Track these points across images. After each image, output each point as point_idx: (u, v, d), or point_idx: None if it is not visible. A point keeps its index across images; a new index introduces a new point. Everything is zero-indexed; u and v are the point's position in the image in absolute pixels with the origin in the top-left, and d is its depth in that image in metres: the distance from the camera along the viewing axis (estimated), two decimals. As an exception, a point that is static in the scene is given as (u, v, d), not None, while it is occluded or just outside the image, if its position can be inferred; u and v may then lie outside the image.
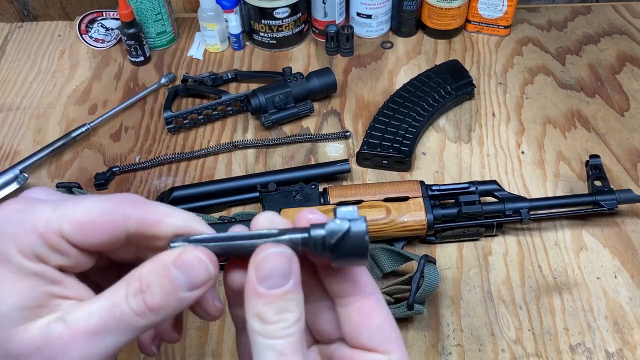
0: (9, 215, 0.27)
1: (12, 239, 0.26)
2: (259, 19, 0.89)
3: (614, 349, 0.56)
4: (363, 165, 0.74)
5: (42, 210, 0.27)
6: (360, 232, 0.27)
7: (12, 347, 0.25)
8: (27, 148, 0.78)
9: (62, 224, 0.27)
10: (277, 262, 0.27)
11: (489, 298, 0.61)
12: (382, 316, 0.30)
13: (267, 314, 0.27)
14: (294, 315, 0.27)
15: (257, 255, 0.27)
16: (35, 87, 0.88)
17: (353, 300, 0.30)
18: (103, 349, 0.26)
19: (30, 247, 0.26)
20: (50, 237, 0.27)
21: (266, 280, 0.27)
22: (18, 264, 0.26)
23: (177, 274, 0.27)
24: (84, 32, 0.96)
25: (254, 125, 0.81)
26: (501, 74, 0.88)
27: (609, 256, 0.64)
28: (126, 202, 0.29)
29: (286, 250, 0.27)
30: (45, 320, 0.26)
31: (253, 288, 0.27)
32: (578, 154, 0.75)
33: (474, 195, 0.63)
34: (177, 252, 0.27)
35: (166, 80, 0.86)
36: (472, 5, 0.93)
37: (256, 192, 0.67)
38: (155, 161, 0.75)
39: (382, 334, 0.29)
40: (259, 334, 0.27)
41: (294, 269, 0.27)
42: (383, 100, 0.80)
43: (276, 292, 0.27)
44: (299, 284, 0.28)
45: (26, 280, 0.26)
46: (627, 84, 0.86)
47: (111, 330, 0.26)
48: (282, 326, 0.26)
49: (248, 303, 0.27)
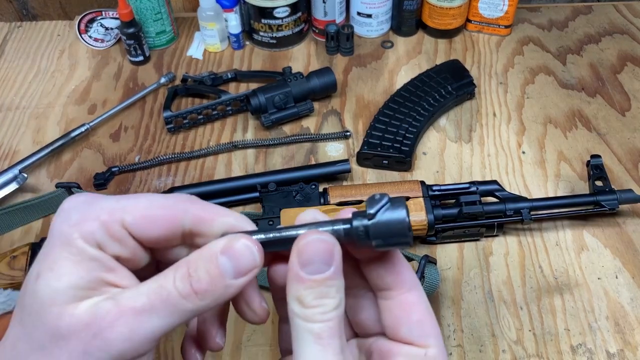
0: (76, 204, 0.29)
1: (75, 225, 0.28)
2: (258, 19, 0.88)
3: (615, 349, 0.56)
4: (363, 165, 0.74)
5: (106, 201, 0.29)
6: (401, 216, 0.27)
7: (62, 324, 0.26)
8: (26, 148, 0.78)
9: (124, 215, 0.28)
10: (319, 248, 0.27)
11: (489, 298, 0.60)
12: (422, 311, 0.30)
13: (307, 298, 0.27)
14: (333, 301, 0.27)
15: (300, 241, 0.28)
16: (35, 87, 0.87)
17: (395, 294, 0.30)
18: (148, 328, 0.27)
19: (91, 233, 0.27)
20: (112, 226, 0.28)
21: (308, 265, 0.27)
22: (78, 247, 0.27)
23: (224, 260, 0.28)
24: (83, 31, 0.95)
25: (253, 125, 0.81)
26: (502, 73, 0.88)
27: (610, 256, 0.64)
28: (185, 199, 0.30)
29: (329, 238, 0.28)
30: (95, 300, 0.27)
31: (295, 272, 0.27)
32: (579, 154, 0.75)
33: (474, 196, 0.63)
34: (225, 240, 0.28)
35: (166, 80, 0.86)
36: (473, 5, 0.92)
37: (256, 192, 0.67)
38: (155, 161, 0.75)
39: (421, 328, 0.30)
40: (299, 316, 0.27)
41: (336, 256, 0.28)
42: (383, 100, 0.80)
43: (317, 277, 0.27)
44: (340, 271, 0.28)
45: (84, 263, 0.27)
46: (628, 84, 0.86)
47: (157, 311, 0.27)
48: (320, 311, 0.27)
49: (289, 287, 0.28)
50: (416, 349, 0.30)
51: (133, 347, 0.26)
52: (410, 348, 0.30)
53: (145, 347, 0.27)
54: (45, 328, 0.26)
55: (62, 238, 0.28)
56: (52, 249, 0.28)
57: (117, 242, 0.28)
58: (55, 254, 0.28)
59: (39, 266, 0.28)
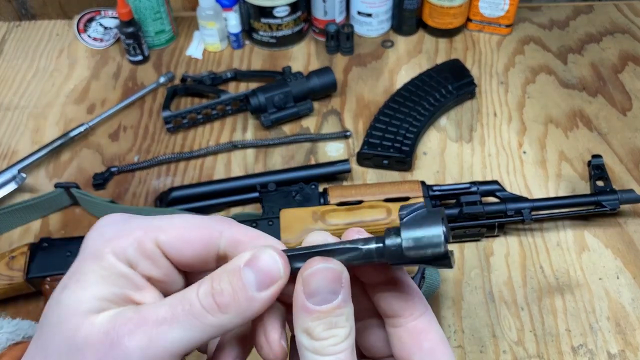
0: (112, 221, 0.29)
1: (108, 240, 0.28)
2: (258, 18, 0.88)
3: (616, 350, 0.56)
4: (363, 165, 0.74)
5: (142, 220, 0.29)
6: (437, 238, 0.25)
7: (79, 335, 0.25)
8: (25, 148, 0.78)
9: (159, 233, 0.28)
10: (326, 276, 0.26)
11: (490, 299, 0.60)
12: (433, 338, 0.29)
13: (315, 330, 0.26)
14: (344, 330, 0.26)
15: (305, 270, 0.27)
16: (34, 87, 0.87)
17: (404, 321, 0.29)
18: (169, 339, 0.26)
19: (123, 250, 0.27)
20: (145, 244, 0.28)
21: (314, 295, 0.26)
22: (108, 262, 0.27)
23: (248, 272, 0.27)
24: (82, 31, 0.95)
25: (253, 125, 0.81)
26: (502, 73, 0.87)
27: (611, 257, 0.64)
28: (221, 220, 0.30)
29: (335, 265, 0.27)
30: (116, 310, 0.26)
31: (301, 303, 0.26)
32: (580, 154, 0.75)
33: (475, 196, 0.63)
34: (250, 253, 0.27)
35: (165, 79, 0.86)
36: (474, 4, 0.92)
37: (256, 192, 0.66)
38: (154, 161, 0.74)
39: (433, 357, 0.29)
40: (308, 350, 0.26)
41: (344, 283, 0.27)
42: (383, 100, 0.80)
43: (324, 308, 0.26)
44: (349, 298, 0.27)
45: (112, 278, 0.27)
46: (629, 83, 0.85)
47: (179, 322, 0.26)
48: (332, 342, 0.26)
49: (296, 318, 0.27)
50: None
51: (152, 358, 0.25)
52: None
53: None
54: (61, 340, 0.26)
55: (94, 252, 0.28)
56: (82, 262, 0.28)
57: (150, 261, 0.28)
58: (84, 267, 0.27)
59: (67, 279, 0.27)
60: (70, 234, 0.67)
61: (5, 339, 0.36)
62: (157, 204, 0.70)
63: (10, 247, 0.66)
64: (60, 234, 0.67)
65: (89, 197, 0.67)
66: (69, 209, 0.70)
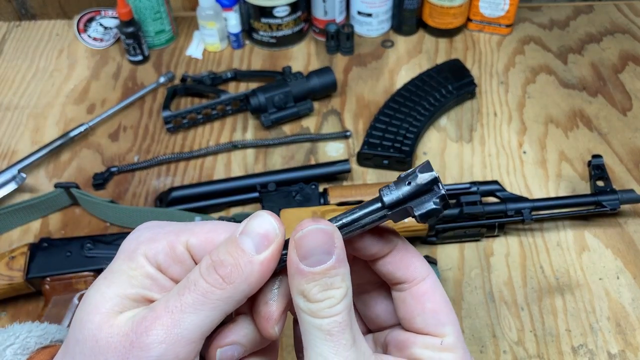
0: (150, 226, 0.30)
1: (142, 242, 0.29)
2: (258, 18, 0.88)
3: (617, 350, 0.56)
4: (363, 165, 0.74)
5: (176, 225, 0.30)
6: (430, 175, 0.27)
7: (101, 336, 0.26)
8: (25, 148, 0.78)
9: (190, 236, 0.29)
10: (318, 238, 0.26)
11: (490, 299, 0.60)
12: (436, 300, 0.30)
13: (311, 292, 0.26)
14: (339, 291, 0.26)
15: (297, 233, 0.27)
16: (33, 87, 0.87)
17: (408, 286, 0.30)
18: (184, 326, 0.26)
19: (155, 253, 0.28)
20: (176, 246, 0.28)
21: (308, 257, 0.26)
22: (138, 263, 0.28)
23: (244, 238, 0.27)
24: (82, 31, 0.95)
25: (253, 125, 0.80)
26: (503, 73, 0.87)
27: (611, 257, 0.64)
28: None
29: (326, 226, 0.27)
30: (135, 310, 0.27)
31: (295, 266, 0.26)
32: (580, 154, 0.75)
33: (475, 196, 0.63)
34: (243, 224, 0.28)
35: (165, 79, 0.86)
36: (474, 4, 0.92)
37: (256, 192, 0.66)
38: (154, 161, 0.74)
39: (435, 317, 0.29)
40: (305, 312, 0.26)
41: (337, 243, 0.27)
42: (384, 100, 0.80)
43: (319, 269, 0.26)
44: (344, 258, 0.27)
45: (138, 278, 0.28)
46: (629, 83, 0.85)
47: (189, 306, 0.26)
48: (328, 304, 0.26)
49: (292, 282, 0.27)
50: (432, 338, 0.29)
51: (171, 348, 0.26)
52: (426, 338, 0.29)
53: (186, 349, 0.26)
54: (84, 340, 0.26)
55: (127, 253, 0.28)
56: (114, 262, 0.29)
57: (179, 265, 0.28)
58: (114, 267, 0.28)
59: (98, 278, 0.28)
60: (70, 234, 0.67)
61: (34, 343, 0.36)
62: (157, 203, 0.70)
63: (10, 247, 0.66)
64: (60, 234, 0.67)
65: (88, 197, 0.67)
66: (68, 209, 0.70)
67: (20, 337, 0.36)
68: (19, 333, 0.36)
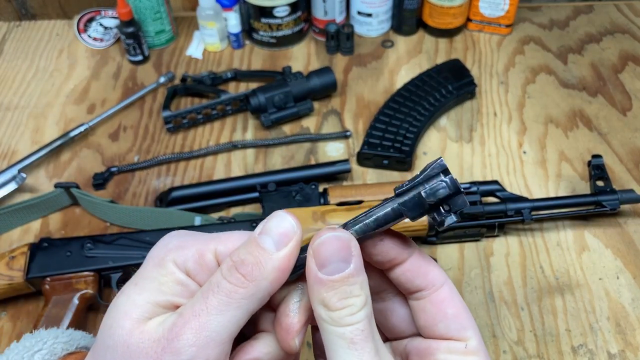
0: (179, 234, 0.30)
1: (172, 250, 0.29)
2: (258, 18, 0.88)
3: (616, 350, 0.56)
4: (363, 165, 0.74)
5: (203, 234, 0.30)
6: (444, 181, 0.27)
7: (132, 342, 0.26)
8: (25, 148, 0.78)
9: (218, 244, 0.29)
10: (335, 246, 0.27)
11: (490, 299, 0.60)
12: (456, 304, 0.30)
13: (331, 300, 0.26)
14: (359, 299, 0.27)
15: (315, 241, 0.27)
16: (34, 87, 0.87)
17: (427, 293, 0.30)
18: (211, 328, 0.26)
19: (184, 260, 0.29)
20: (205, 254, 0.29)
21: (326, 265, 0.27)
22: (168, 270, 0.28)
23: (264, 237, 0.28)
24: (82, 31, 0.95)
25: (253, 125, 0.80)
26: (503, 73, 0.87)
27: (611, 257, 0.64)
28: None
29: (343, 234, 0.27)
30: (164, 316, 0.27)
31: (314, 275, 0.27)
32: (580, 154, 0.75)
33: (475, 196, 0.63)
34: (261, 224, 0.28)
35: (165, 79, 0.86)
36: (474, 4, 0.92)
37: (256, 192, 0.66)
38: (154, 161, 0.74)
39: (458, 322, 0.29)
40: (326, 321, 0.27)
41: (354, 251, 0.27)
42: (384, 100, 0.80)
43: (337, 277, 0.26)
44: (361, 267, 0.27)
45: (169, 285, 0.28)
46: (629, 83, 0.85)
47: (215, 307, 0.27)
48: (348, 312, 0.26)
49: (311, 291, 0.27)
50: (456, 343, 0.29)
51: (202, 351, 0.26)
52: (449, 343, 0.29)
53: (215, 350, 0.26)
54: (115, 345, 0.27)
55: (156, 260, 0.29)
56: (143, 268, 0.29)
57: (208, 272, 0.29)
58: (144, 273, 0.29)
59: (127, 285, 0.29)
60: (70, 234, 0.67)
61: (60, 349, 0.37)
62: (157, 203, 0.70)
63: (10, 247, 0.66)
64: (60, 234, 0.67)
65: (89, 197, 0.67)
66: (69, 209, 0.70)
67: (48, 343, 0.37)
68: (46, 339, 0.37)
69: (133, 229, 0.67)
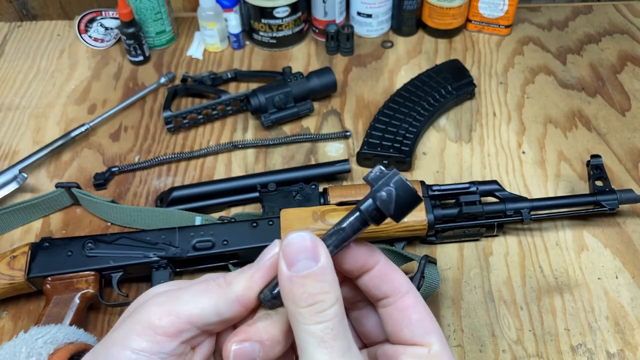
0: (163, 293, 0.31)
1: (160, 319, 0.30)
2: (258, 18, 0.88)
3: (615, 349, 0.56)
4: (363, 165, 0.74)
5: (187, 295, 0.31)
6: (404, 185, 0.29)
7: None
8: (26, 148, 0.78)
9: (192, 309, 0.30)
10: (301, 245, 0.28)
11: (489, 298, 0.60)
12: (420, 311, 0.31)
13: (301, 297, 0.27)
14: (328, 296, 0.27)
15: (283, 242, 0.28)
16: (35, 87, 0.87)
17: (392, 300, 0.31)
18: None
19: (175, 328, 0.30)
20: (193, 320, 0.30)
21: (294, 263, 0.27)
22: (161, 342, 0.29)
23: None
24: (83, 31, 0.95)
25: (253, 125, 0.81)
26: (502, 73, 0.88)
27: (610, 256, 0.64)
28: None
29: (308, 234, 0.28)
30: None
31: (284, 274, 0.28)
32: (579, 154, 0.75)
33: (474, 196, 0.63)
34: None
35: (165, 79, 0.86)
36: (473, 5, 0.92)
37: (256, 192, 0.67)
38: (155, 161, 0.75)
39: (421, 327, 0.30)
40: (297, 318, 0.27)
41: (321, 251, 0.28)
42: (383, 100, 0.80)
43: (305, 273, 0.27)
44: (330, 267, 0.28)
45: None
46: (628, 84, 0.85)
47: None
48: (317, 309, 0.27)
49: (282, 291, 0.28)
50: (419, 348, 0.30)
51: None
52: (413, 348, 0.30)
53: None
54: None
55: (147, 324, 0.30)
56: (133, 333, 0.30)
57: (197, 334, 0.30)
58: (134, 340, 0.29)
59: (116, 333, 0.30)
60: (71, 234, 0.67)
61: (62, 336, 0.39)
62: (157, 203, 0.70)
63: (11, 246, 0.66)
64: (61, 234, 0.68)
65: (89, 197, 0.67)
66: (69, 209, 0.70)
67: (52, 331, 0.39)
68: (50, 329, 0.39)
69: (134, 229, 0.67)
